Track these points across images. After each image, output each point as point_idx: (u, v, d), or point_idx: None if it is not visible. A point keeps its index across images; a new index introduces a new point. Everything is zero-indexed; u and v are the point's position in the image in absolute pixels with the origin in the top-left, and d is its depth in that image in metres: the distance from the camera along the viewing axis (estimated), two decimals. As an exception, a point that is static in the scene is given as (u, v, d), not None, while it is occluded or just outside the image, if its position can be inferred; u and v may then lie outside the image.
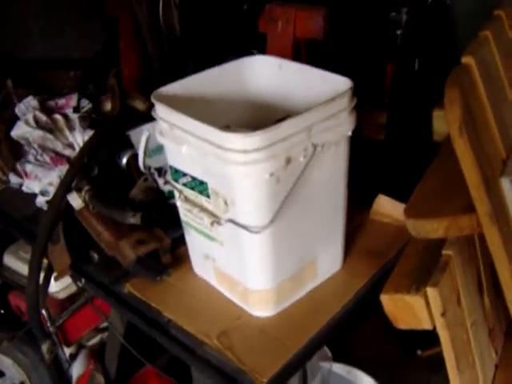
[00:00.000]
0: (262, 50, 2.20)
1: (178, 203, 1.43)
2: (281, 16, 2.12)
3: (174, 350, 1.43)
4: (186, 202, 1.42)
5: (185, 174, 1.38)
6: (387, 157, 1.76)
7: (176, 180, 1.43)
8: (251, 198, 1.26)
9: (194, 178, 1.36)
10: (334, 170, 1.39)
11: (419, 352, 2.21)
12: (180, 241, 1.58)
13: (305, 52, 2.17)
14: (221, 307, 1.48)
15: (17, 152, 1.96)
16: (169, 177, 1.46)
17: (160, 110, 1.35)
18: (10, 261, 2.18)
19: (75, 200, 1.62)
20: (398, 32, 1.66)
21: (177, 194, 1.44)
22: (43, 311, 2.04)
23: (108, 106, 1.98)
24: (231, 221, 1.30)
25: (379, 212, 1.70)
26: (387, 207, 1.68)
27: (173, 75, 2.38)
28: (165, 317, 1.47)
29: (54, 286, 2.02)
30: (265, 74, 1.56)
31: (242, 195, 1.26)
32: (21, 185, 1.89)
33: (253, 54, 2.23)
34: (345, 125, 1.33)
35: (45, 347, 1.52)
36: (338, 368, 1.79)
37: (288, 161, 1.23)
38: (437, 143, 1.72)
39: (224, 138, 1.20)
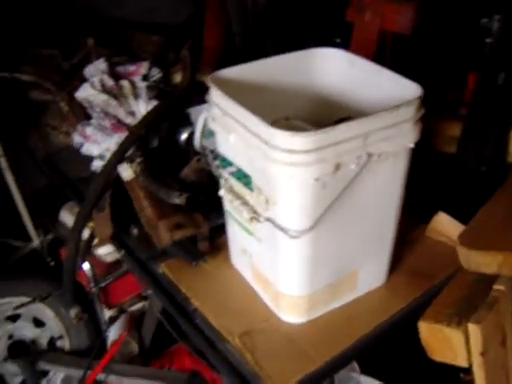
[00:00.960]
0: (347, 40, 2.11)
1: (222, 192, 1.38)
2: (370, 6, 2.01)
3: (195, 340, 1.40)
4: (230, 192, 1.36)
5: (232, 164, 1.33)
6: (454, 172, 1.64)
7: (223, 167, 1.37)
8: (293, 200, 1.19)
9: (240, 169, 1.30)
10: (390, 182, 1.29)
11: (462, 375, 2.08)
12: (222, 228, 1.53)
13: (390, 46, 2.06)
14: (250, 305, 1.43)
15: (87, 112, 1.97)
16: (218, 162, 1.41)
17: (214, 94, 1.30)
18: (65, 217, 2.21)
19: (126, 170, 1.60)
20: (488, 40, 1.52)
21: (222, 181, 1.39)
22: (89, 271, 2.07)
23: (178, 78, 1.94)
24: (270, 220, 1.24)
25: (436, 230, 1.59)
26: (446, 226, 1.57)
27: (255, 53, 2.33)
28: (192, 304, 1.43)
29: (103, 249, 2.03)
30: (334, 69, 1.47)
31: (284, 196, 1.19)
32: (82, 145, 1.89)
33: (336, 43, 2.15)
34: (407, 136, 1.23)
35: (73, 312, 1.51)
36: (367, 382, 1.70)
37: (337, 167, 1.15)
38: (510, 165, 1.59)
39: (271, 134, 1.13)
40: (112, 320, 2.20)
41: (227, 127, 1.26)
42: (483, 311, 1.27)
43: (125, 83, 1.82)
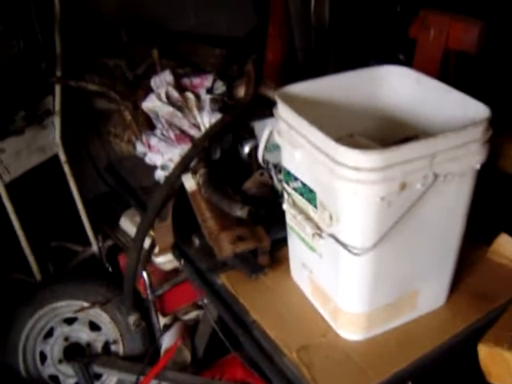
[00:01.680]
0: (410, 57, 2.10)
1: (285, 206, 1.39)
2: (434, 24, 2.00)
3: (252, 352, 1.41)
4: (294, 206, 1.37)
5: (296, 179, 1.34)
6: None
7: (287, 182, 1.39)
8: (357, 218, 1.19)
9: (304, 185, 1.31)
10: (455, 202, 1.28)
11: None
12: (283, 242, 1.54)
13: (454, 64, 2.04)
14: (309, 320, 1.43)
15: (151, 122, 2.01)
16: (281, 177, 1.43)
17: (281, 109, 1.32)
18: (125, 224, 2.26)
19: (188, 181, 1.64)
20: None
21: (286, 196, 1.40)
22: (146, 279, 2.11)
23: (241, 91, 1.97)
24: (333, 236, 1.24)
25: (499, 252, 1.56)
26: (508, 248, 1.54)
27: (316, 69, 2.35)
28: (251, 316, 1.45)
29: (161, 257, 2.06)
30: (400, 87, 1.46)
31: (348, 213, 1.20)
32: (145, 154, 1.94)
33: (399, 59, 2.15)
34: (474, 157, 1.22)
35: (131, 319, 1.55)
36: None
37: (403, 186, 1.15)
38: None
39: (337, 151, 1.14)
40: (166, 327, 2.24)
41: (293, 142, 1.28)
42: (546, 337, 1.25)
43: (190, 95, 1.86)
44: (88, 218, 2.46)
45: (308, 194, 1.30)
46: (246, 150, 1.79)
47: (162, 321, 2.26)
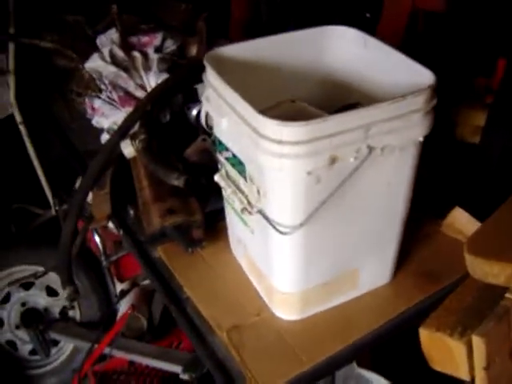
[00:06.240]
0: (377, 15, 1.99)
1: (217, 177, 1.30)
2: (402, -20, 1.88)
3: (185, 330, 1.34)
4: (227, 178, 1.28)
5: (227, 149, 1.24)
6: (478, 165, 1.51)
7: (220, 152, 1.29)
8: (284, 194, 1.10)
9: (234, 156, 1.21)
10: (396, 177, 1.19)
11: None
12: (224, 213, 1.45)
13: (422, 24, 1.92)
14: (245, 297, 1.35)
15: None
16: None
17: (209, 74, 1.21)
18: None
19: (127, 147, 1.53)
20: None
21: (220, 166, 1.31)
22: (99, 244, 2.04)
23: (193, 50, 1.86)
24: (261, 213, 1.16)
25: (452, 226, 1.48)
26: (462, 223, 1.45)
27: (281, 25, 2.22)
28: (185, 293, 1.37)
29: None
30: (346, 49, 1.35)
31: (274, 189, 1.11)
32: (92, 117, 1.84)
33: (365, 17, 2.03)
34: (416, 128, 1.12)
35: (65, 292, 1.47)
36: (373, 379, 1.61)
37: (333, 160, 1.06)
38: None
39: (259, 122, 1.04)
40: (123, 294, 2.17)
41: (220, 110, 1.18)
42: (490, 322, 1.17)
43: (137, 55, 1.75)
44: (47, 181, 2.37)
45: (238, 165, 1.21)
46: (194, 113, 1.68)
47: (120, 287, 2.20)
